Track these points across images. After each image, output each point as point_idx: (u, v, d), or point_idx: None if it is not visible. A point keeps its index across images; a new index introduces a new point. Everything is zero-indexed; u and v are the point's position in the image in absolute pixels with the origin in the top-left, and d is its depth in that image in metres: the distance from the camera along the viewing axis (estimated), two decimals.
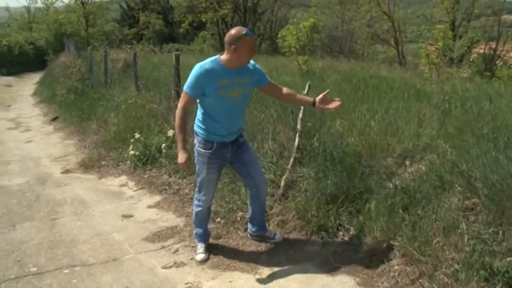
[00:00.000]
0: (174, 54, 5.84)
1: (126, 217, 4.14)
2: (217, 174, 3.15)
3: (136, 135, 5.59)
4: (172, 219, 4.03)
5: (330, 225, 3.39)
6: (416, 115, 4.06)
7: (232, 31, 2.83)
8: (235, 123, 3.02)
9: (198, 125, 3.03)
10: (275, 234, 3.44)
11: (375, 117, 4.16)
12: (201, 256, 3.27)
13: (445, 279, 2.49)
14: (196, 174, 3.18)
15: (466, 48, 12.09)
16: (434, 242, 2.67)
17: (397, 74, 7.57)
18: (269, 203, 3.79)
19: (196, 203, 3.27)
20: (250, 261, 3.21)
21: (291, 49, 10.08)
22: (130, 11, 31.49)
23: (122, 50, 12.35)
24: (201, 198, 3.21)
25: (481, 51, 13.85)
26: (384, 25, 19.18)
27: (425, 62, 9.96)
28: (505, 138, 3.07)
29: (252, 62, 2.98)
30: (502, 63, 13.67)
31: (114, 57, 10.37)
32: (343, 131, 4.01)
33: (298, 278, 2.97)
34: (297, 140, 3.98)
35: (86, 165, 5.81)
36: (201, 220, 3.34)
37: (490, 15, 16.59)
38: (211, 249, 3.37)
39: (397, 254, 2.89)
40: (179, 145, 2.97)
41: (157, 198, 4.57)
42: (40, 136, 8.04)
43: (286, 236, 3.48)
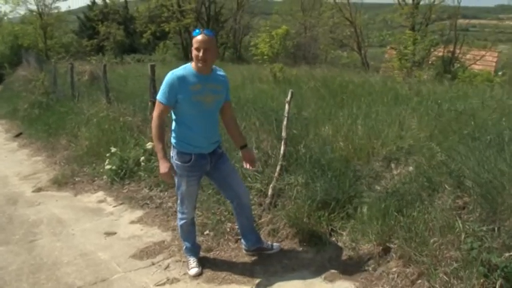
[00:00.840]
0: (150, 65, 5.73)
1: (109, 234, 3.98)
2: (197, 186, 3.13)
3: (113, 149, 5.42)
4: (158, 234, 3.91)
5: (323, 232, 3.38)
6: (397, 118, 4.14)
7: None
8: (210, 131, 2.99)
9: (173, 136, 3.00)
10: (272, 244, 3.39)
11: (357, 121, 4.21)
12: (194, 270, 3.18)
13: (445, 278, 2.53)
14: (176, 187, 3.13)
15: (427, 51, 12.51)
16: (431, 242, 2.70)
17: (373, 79, 7.72)
18: (258, 212, 3.75)
19: (179, 216, 3.22)
20: (246, 273, 3.15)
21: (263, 57, 10.14)
22: (89, 22, 30.71)
23: (87, 62, 12.02)
24: (184, 210, 3.16)
25: (440, 54, 14.37)
26: (346, 30, 19.59)
27: (397, 65, 10.26)
28: (488, 137, 3.17)
29: (223, 73, 3.03)
30: (459, 65, 14.25)
31: (79, 69, 10.06)
32: (329, 136, 4.03)
33: (298, 286, 2.94)
34: (282, 148, 3.96)
35: (59, 182, 5.57)
36: (187, 233, 3.26)
37: (445, 19, 17.27)
38: (203, 263, 3.28)
39: (394, 256, 2.91)
40: (159, 155, 2.88)
41: (139, 213, 4.42)
42: (4, 154, 7.66)
43: None
